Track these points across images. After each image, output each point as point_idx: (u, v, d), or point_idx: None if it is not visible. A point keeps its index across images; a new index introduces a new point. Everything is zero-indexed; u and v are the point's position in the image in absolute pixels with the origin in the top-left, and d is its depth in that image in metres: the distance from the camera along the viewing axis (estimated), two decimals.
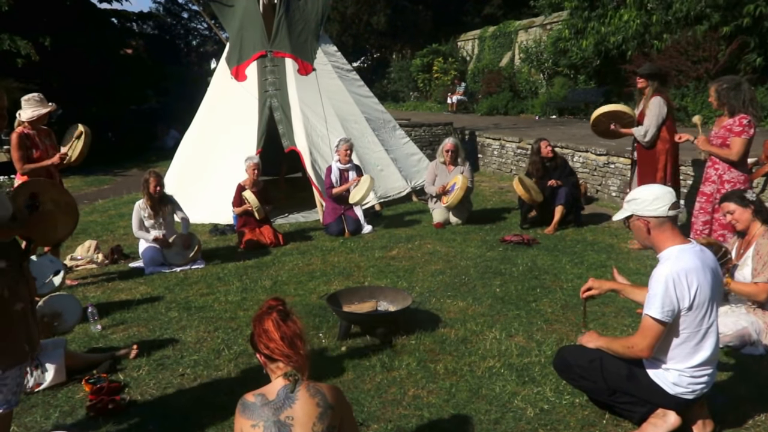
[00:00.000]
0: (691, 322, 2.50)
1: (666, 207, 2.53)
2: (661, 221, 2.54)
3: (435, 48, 23.39)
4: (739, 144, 4.45)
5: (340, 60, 9.06)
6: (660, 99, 5.36)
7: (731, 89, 4.49)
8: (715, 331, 2.56)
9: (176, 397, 3.24)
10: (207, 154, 8.03)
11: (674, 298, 2.45)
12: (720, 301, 2.61)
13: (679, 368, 2.57)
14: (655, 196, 2.55)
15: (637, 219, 2.60)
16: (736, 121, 4.48)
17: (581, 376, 2.80)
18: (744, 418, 2.88)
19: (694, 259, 2.49)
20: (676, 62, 11.23)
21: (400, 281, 5.05)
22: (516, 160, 10.20)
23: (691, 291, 2.45)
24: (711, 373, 2.61)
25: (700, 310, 2.49)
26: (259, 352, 2.10)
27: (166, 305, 4.66)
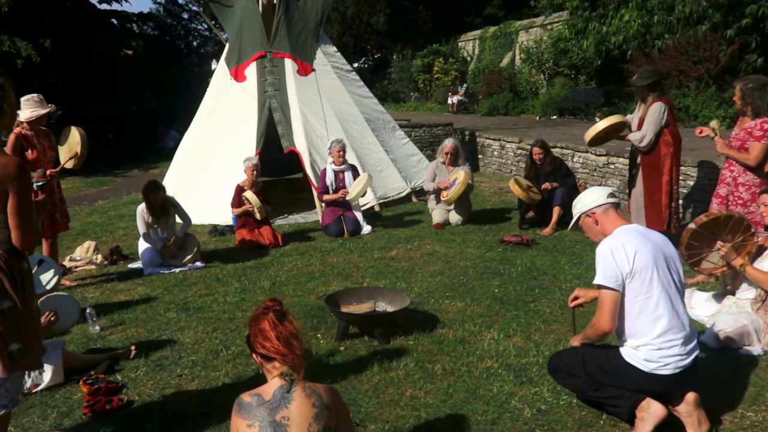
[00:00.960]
0: (639, 290, 2.60)
1: (604, 195, 2.79)
2: (605, 208, 2.77)
3: (435, 48, 23.36)
4: (759, 149, 4.37)
5: (339, 60, 9.06)
6: (660, 104, 5.27)
7: (756, 89, 4.40)
8: (668, 299, 2.61)
9: (174, 398, 3.24)
10: (206, 155, 8.03)
11: (614, 265, 2.59)
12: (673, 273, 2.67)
13: (646, 342, 2.63)
14: (591, 192, 2.86)
15: (586, 217, 2.83)
16: (758, 125, 4.39)
17: (568, 374, 2.87)
18: (742, 419, 2.88)
19: (634, 232, 2.70)
20: (677, 62, 11.21)
21: (399, 282, 5.05)
22: (516, 160, 10.20)
23: (629, 256, 2.59)
24: (681, 344, 2.62)
25: (644, 274, 2.59)
26: (255, 353, 2.11)
27: (164, 306, 4.67)
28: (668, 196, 5.35)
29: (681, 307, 2.67)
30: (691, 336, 2.68)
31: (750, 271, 3.61)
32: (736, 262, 3.65)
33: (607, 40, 12.84)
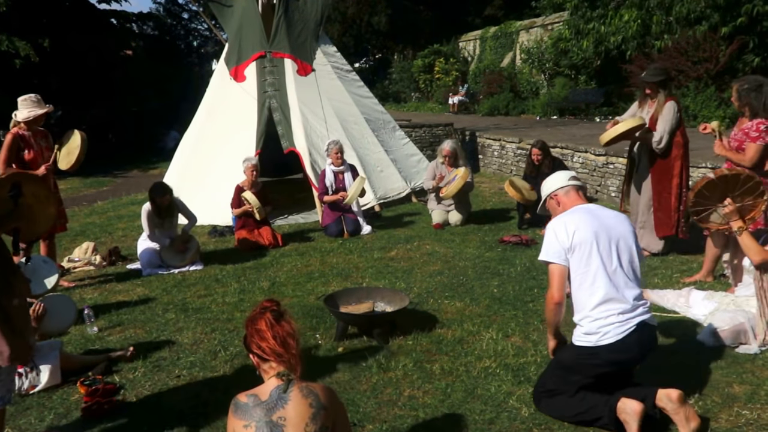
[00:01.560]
0: (578, 264, 2.79)
1: (566, 178, 3.01)
2: (566, 190, 2.99)
3: (436, 48, 23.37)
4: (754, 150, 4.35)
5: (339, 60, 9.06)
6: (673, 104, 5.22)
7: (752, 90, 4.39)
8: (606, 273, 2.75)
9: (172, 399, 3.23)
10: (206, 156, 8.03)
11: (556, 242, 2.83)
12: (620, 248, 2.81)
13: (584, 314, 2.79)
14: (555, 176, 3.07)
15: (550, 199, 3.05)
16: (754, 126, 4.37)
17: (550, 392, 2.89)
18: (737, 417, 2.88)
19: (581, 211, 2.90)
20: (676, 62, 11.21)
21: (399, 282, 5.05)
22: (516, 160, 10.19)
23: (569, 232, 2.80)
24: (618, 314, 2.73)
25: (582, 248, 2.77)
26: (252, 353, 2.12)
27: (163, 307, 4.67)
28: (677, 199, 5.27)
29: (622, 282, 2.78)
30: (632, 308, 2.77)
31: (745, 236, 3.60)
32: (736, 224, 3.64)
33: (606, 40, 12.84)
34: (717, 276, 4.82)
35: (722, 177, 3.65)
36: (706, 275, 4.81)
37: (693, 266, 5.12)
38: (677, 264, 5.28)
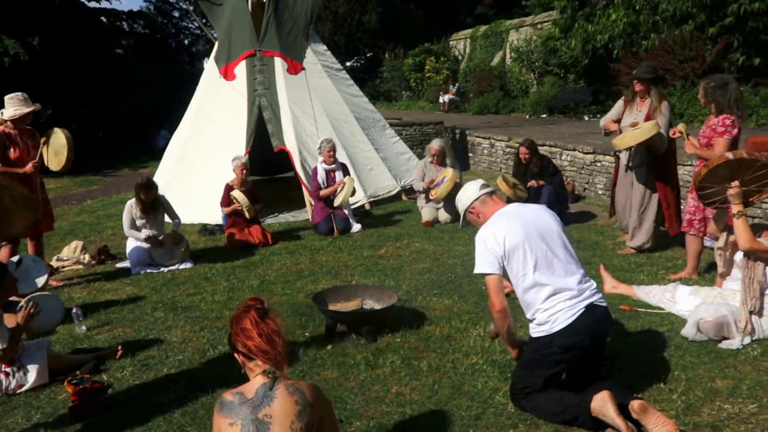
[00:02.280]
0: (517, 269, 2.86)
1: (477, 188, 3.06)
2: (481, 200, 3.05)
3: (427, 47, 23.41)
4: (722, 144, 4.45)
5: (329, 59, 9.07)
6: (667, 104, 5.29)
7: (718, 88, 4.52)
8: (543, 268, 2.83)
9: (160, 397, 3.24)
10: (196, 154, 8.02)
11: (488, 252, 2.87)
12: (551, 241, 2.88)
13: (537, 309, 2.88)
14: (465, 189, 3.11)
15: (469, 213, 3.10)
16: (720, 121, 4.49)
17: (522, 390, 2.92)
18: (719, 411, 2.93)
19: (504, 216, 2.96)
20: (663, 61, 11.30)
21: (388, 280, 5.07)
22: (505, 158, 10.25)
23: (499, 240, 2.85)
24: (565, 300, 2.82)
25: (517, 253, 2.84)
26: (237, 352, 2.13)
27: (152, 305, 4.67)
28: (678, 195, 5.43)
29: (562, 271, 2.85)
30: (578, 293, 2.85)
31: (741, 221, 3.65)
32: (736, 207, 3.69)
33: (594, 39, 12.92)
34: (701, 272, 4.89)
35: (740, 159, 3.68)
36: (691, 272, 4.87)
37: (678, 263, 5.18)
38: (663, 261, 5.34)
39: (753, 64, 10.64)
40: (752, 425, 2.79)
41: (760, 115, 10.18)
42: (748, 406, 2.95)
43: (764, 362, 3.40)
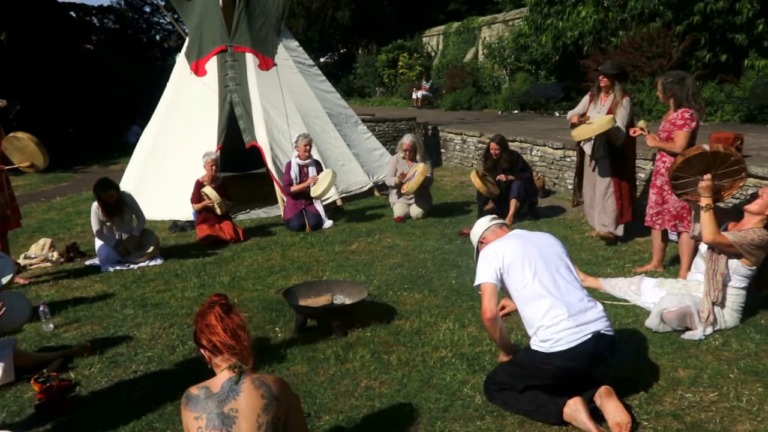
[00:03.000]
0: (516, 282, 2.94)
1: (487, 221, 3.29)
2: (491, 230, 3.25)
3: (400, 44, 23.42)
4: (683, 137, 4.59)
5: (301, 55, 9.04)
6: (629, 99, 5.46)
7: (676, 83, 4.64)
8: (543, 282, 2.89)
9: (128, 394, 3.23)
10: (167, 150, 7.94)
11: (488, 266, 2.99)
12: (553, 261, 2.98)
13: (538, 324, 2.87)
14: (477, 224, 3.34)
15: (480, 244, 3.26)
16: (679, 115, 4.62)
17: (500, 389, 2.97)
18: (681, 400, 3.01)
19: (507, 237, 3.14)
20: (631, 58, 11.49)
21: (359, 275, 5.10)
22: (477, 154, 10.34)
23: (498, 255, 2.99)
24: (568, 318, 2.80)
25: (515, 266, 2.94)
26: (203, 347, 2.14)
27: (121, 302, 4.63)
28: (633, 187, 5.63)
29: (563, 288, 2.89)
30: (580, 312, 2.84)
31: (708, 214, 3.75)
32: (705, 200, 3.79)
33: (564, 35, 13.09)
34: (666, 265, 5.02)
35: (715, 153, 3.78)
36: (656, 265, 5.00)
37: (645, 256, 5.31)
38: (629, 254, 5.47)
39: (719, 60, 10.89)
40: (712, 413, 2.88)
41: (725, 111, 10.43)
42: (708, 395, 3.04)
43: (725, 352, 3.51)
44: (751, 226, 3.78)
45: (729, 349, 3.55)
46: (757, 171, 5.65)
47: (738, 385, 3.12)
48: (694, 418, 2.85)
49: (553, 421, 2.79)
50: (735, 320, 3.84)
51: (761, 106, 9.89)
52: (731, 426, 2.78)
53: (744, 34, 10.67)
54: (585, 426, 2.69)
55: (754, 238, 3.68)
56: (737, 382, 3.16)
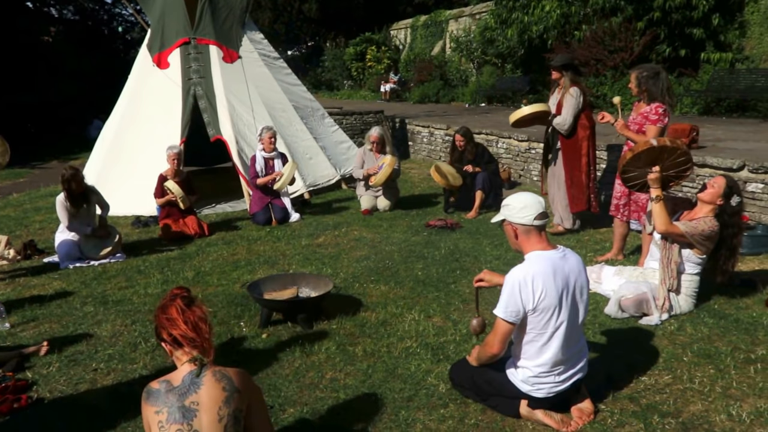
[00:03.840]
0: (536, 324, 2.63)
1: (532, 216, 2.64)
2: (527, 229, 2.67)
3: (368, 37, 23.38)
4: (655, 132, 4.62)
5: (266, 47, 8.95)
6: (577, 89, 5.54)
7: (651, 77, 4.66)
8: (562, 336, 2.65)
9: (88, 393, 3.16)
10: (129, 144, 7.79)
11: (519, 300, 2.58)
12: (579, 305, 2.71)
13: (527, 366, 2.73)
14: (523, 205, 2.67)
15: (508, 224, 2.74)
16: (653, 110, 4.65)
17: (461, 386, 3.01)
18: (637, 383, 3.10)
19: (548, 265, 2.61)
20: (594, 52, 11.71)
21: (325, 268, 5.09)
22: (444, 147, 10.40)
23: (536, 295, 2.57)
24: (557, 374, 2.72)
25: (545, 314, 2.60)
26: (163, 341, 2.12)
27: (81, 300, 4.52)
28: (587, 176, 5.68)
29: (573, 340, 2.71)
30: (571, 365, 2.75)
31: (658, 205, 3.87)
32: (654, 192, 3.91)
33: (529, 29, 13.24)
34: (627, 254, 5.14)
35: (663, 146, 3.90)
36: (616, 254, 5.12)
37: (606, 245, 5.42)
38: (591, 244, 5.58)
39: (678, 55, 11.16)
40: (666, 395, 2.97)
41: (684, 103, 10.72)
42: (663, 378, 3.14)
43: (680, 336, 3.63)
44: (703, 214, 3.89)
45: (683, 333, 3.67)
46: (712, 161, 5.83)
47: (691, 368, 3.23)
48: (649, 400, 2.94)
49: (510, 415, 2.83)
50: (689, 305, 3.96)
51: (717, 98, 10.19)
52: (684, 407, 2.88)
53: (701, 29, 10.96)
54: (542, 422, 2.74)
55: (705, 229, 3.80)
56: (690, 365, 3.27)
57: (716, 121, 9.26)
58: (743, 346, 3.47)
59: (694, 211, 3.99)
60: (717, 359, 3.32)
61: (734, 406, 2.86)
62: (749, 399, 2.92)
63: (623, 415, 2.81)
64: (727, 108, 10.13)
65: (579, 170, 5.65)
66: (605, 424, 2.75)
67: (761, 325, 3.73)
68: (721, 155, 5.90)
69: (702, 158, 5.93)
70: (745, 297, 4.19)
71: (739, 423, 2.73)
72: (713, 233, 3.81)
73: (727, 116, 9.89)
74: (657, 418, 2.78)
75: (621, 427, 2.73)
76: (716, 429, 2.70)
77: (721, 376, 3.14)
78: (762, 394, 2.95)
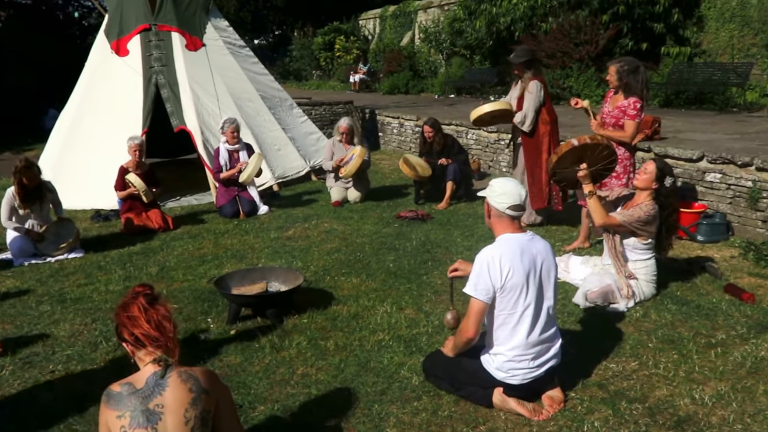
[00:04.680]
0: (506, 305, 2.67)
1: (506, 205, 2.71)
2: (500, 213, 2.75)
3: (337, 26, 23.13)
4: (633, 127, 4.63)
5: (232, 35, 8.73)
6: (537, 83, 5.45)
7: (631, 71, 4.62)
8: (531, 315, 2.68)
9: (45, 397, 3.01)
10: (87, 135, 7.51)
11: (488, 279, 2.64)
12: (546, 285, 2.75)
13: (502, 351, 2.74)
14: (503, 191, 2.73)
15: (486, 202, 2.83)
16: (631, 104, 4.61)
17: (436, 376, 2.98)
18: (606, 370, 3.14)
19: (515, 246, 2.69)
20: (561, 44, 11.80)
21: (295, 261, 4.99)
22: (414, 137, 10.35)
23: (503, 272, 2.63)
24: (531, 359, 2.73)
25: (513, 292, 2.65)
26: (125, 341, 2.01)
27: (37, 299, 4.32)
28: (548, 174, 5.59)
29: (544, 322, 2.73)
30: (545, 351, 2.77)
31: (593, 200, 3.94)
32: (587, 188, 3.98)
33: (497, 21, 13.28)
34: (593, 243, 5.18)
35: (584, 144, 3.98)
36: (582, 241, 5.17)
37: (573, 235, 5.47)
38: (560, 234, 5.62)
39: (640, 48, 11.34)
40: (633, 381, 3.02)
41: None
42: (630, 364, 3.19)
43: (645, 323, 3.69)
44: (641, 201, 3.97)
45: (648, 320, 3.74)
46: (673, 152, 5.92)
47: (656, 354, 3.29)
48: (617, 386, 2.98)
49: (483, 405, 2.81)
50: (651, 290, 4.04)
51: (677, 91, 10.39)
52: (650, 392, 2.93)
53: (662, 23, 11.16)
54: (515, 411, 2.73)
55: (641, 215, 3.87)
56: (655, 350, 3.33)
57: (676, 113, 9.44)
58: (704, 331, 3.56)
59: (634, 200, 4.09)
60: (680, 344, 3.39)
61: (697, 389, 2.93)
62: (711, 382, 3.00)
63: (592, 402, 2.83)
64: (685, 100, 10.34)
65: (539, 167, 5.56)
66: (575, 411, 2.77)
67: (720, 311, 3.83)
68: (681, 146, 6.00)
69: (664, 149, 6.02)
70: (706, 284, 4.31)
71: (701, 406, 2.80)
72: (650, 217, 3.89)
73: (685, 108, 10.10)
74: (625, 403, 2.82)
75: (591, 414, 2.75)
76: (681, 413, 2.75)
77: (684, 361, 3.21)
78: (722, 378, 3.04)
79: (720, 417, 2.71)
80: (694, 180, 5.73)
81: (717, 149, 5.74)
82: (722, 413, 2.73)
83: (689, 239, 5.29)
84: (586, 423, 2.68)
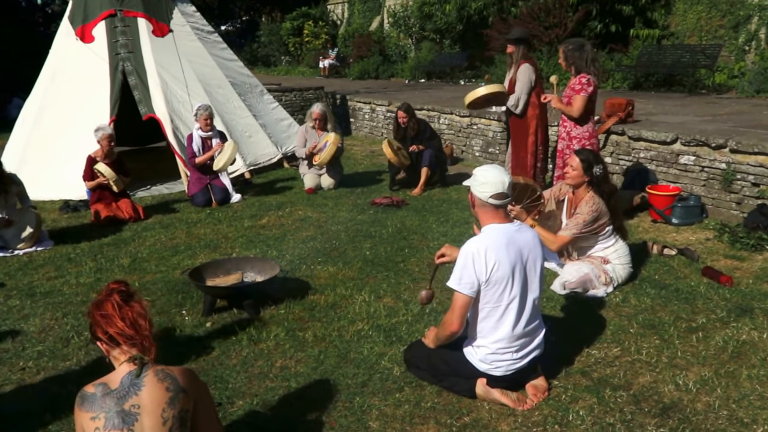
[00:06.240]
0: (491, 297, 2.64)
1: (488, 194, 2.65)
2: (483, 203, 2.69)
3: (305, 11, 22.80)
4: (579, 101, 4.80)
5: (199, 21, 8.54)
6: (528, 66, 5.47)
7: (576, 50, 4.84)
8: (516, 308, 2.66)
9: (15, 395, 2.93)
10: (53, 124, 7.29)
11: (473, 271, 2.59)
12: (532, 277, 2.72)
13: (485, 344, 2.72)
14: (484, 180, 2.67)
15: (469, 192, 2.77)
16: (577, 80, 4.84)
17: (417, 367, 2.96)
18: (588, 357, 3.15)
19: (501, 237, 2.64)
20: (531, 27, 11.80)
21: (270, 250, 4.93)
22: (386, 123, 10.30)
23: (488, 265, 2.58)
24: (515, 351, 2.72)
25: (499, 285, 2.61)
26: (99, 340, 1.96)
27: (5, 293, 4.19)
28: (534, 156, 5.65)
29: (529, 315, 2.71)
30: (528, 342, 2.76)
31: (538, 229, 3.90)
32: (528, 222, 3.95)
33: (468, 5, 13.23)
34: None
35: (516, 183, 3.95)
36: None
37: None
38: None
39: (609, 31, 11.44)
40: (616, 367, 3.03)
41: (615, 78, 11.02)
42: (612, 350, 3.20)
43: (625, 308, 3.71)
44: (581, 198, 3.98)
45: (628, 305, 3.76)
46: (647, 135, 5.99)
47: (638, 339, 3.31)
48: (600, 373, 2.98)
49: (466, 395, 2.81)
50: (627, 272, 4.05)
51: (646, 73, 10.52)
52: (634, 379, 2.94)
53: (630, 6, 11.25)
54: (499, 401, 2.73)
55: (585, 218, 3.88)
56: (637, 336, 3.34)
57: (646, 95, 9.56)
58: (684, 315, 3.58)
59: (576, 196, 4.08)
60: (661, 329, 3.40)
61: (680, 375, 2.93)
62: (694, 368, 3.01)
63: (576, 390, 2.84)
64: (655, 83, 10.47)
65: (525, 150, 5.62)
66: (560, 400, 2.77)
67: (699, 294, 3.85)
68: (654, 129, 6.06)
69: (638, 132, 6.08)
70: (683, 267, 4.34)
71: (686, 392, 2.80)
72: (597, 212, 3.88)
73: (655, 91, 10.23)
74: (609, 391, 2.82)
75: (575, 403, 2.75)
76: (666, 399, 2.76)
77: (666, 346, 3.22)
78: (705, 363, 3.05)
79: (705, 403, 2.70)
80: (668, 163, 5.80)
81: (690, 131, 5.79)
82: (707, 399, 2.73)
83: (664, 222, 5.36)
84: (571, 412, 2.67)
